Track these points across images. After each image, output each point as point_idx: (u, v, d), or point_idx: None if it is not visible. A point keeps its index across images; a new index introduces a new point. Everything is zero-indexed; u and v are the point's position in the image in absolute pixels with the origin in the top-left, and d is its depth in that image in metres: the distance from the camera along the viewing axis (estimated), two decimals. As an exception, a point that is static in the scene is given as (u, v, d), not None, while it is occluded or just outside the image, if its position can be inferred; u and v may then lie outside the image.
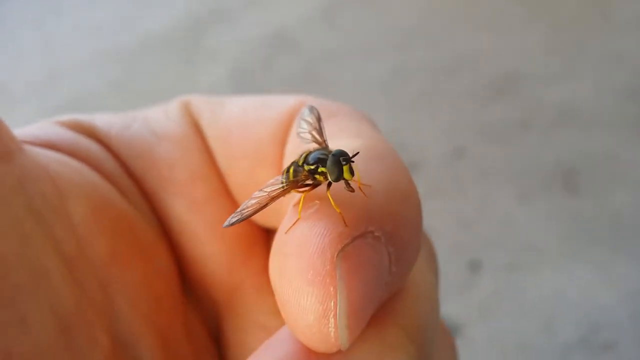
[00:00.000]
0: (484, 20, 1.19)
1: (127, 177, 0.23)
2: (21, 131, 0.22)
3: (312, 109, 0.20)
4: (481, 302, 0.68)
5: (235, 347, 0.23)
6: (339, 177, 0.16)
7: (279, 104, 0.23)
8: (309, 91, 0.24)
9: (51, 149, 0.22)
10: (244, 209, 0.18)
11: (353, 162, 0.17)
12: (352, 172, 0.16)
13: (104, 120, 0.24)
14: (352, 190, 0.16)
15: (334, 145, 0.19)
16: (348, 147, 0.18)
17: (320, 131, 0.19)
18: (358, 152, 0.17)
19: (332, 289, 0.14)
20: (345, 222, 0.15)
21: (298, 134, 0.20)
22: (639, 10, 1.14)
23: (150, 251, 0.22)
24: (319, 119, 0.19)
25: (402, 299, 0.17)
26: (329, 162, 0.17)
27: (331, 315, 0.14)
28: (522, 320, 0.67)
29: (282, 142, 0.22)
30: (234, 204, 0.23)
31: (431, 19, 1.20)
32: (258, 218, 0.24)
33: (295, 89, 0.24)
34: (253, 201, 0.18)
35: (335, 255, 0.14)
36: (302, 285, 0.14)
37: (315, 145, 0.19)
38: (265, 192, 0.18)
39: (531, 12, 1.19)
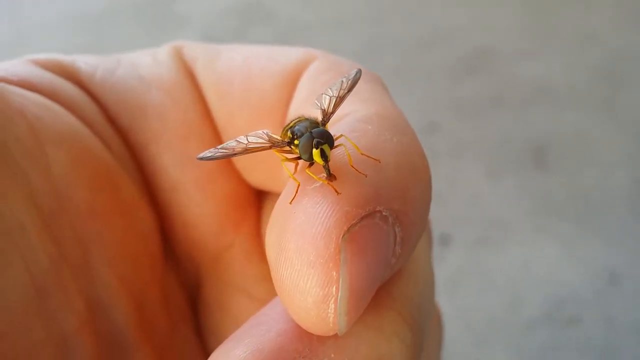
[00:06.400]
0: (460, -5, 1.18)
1: (111, 126, 0.21)
2: None
3: (357, 73, 0.18)
4: (449, 277, 0.69)
5: (214, 311, 0.22)
6: (309, 158, 0.15)
7: (286, 55, 0.21)
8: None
9: (28, 89, 0.19)
10: (221, 149, 0.16)
11: (330, 146, 0.15)
12: (324, 157, 0.15)
13: (86, 62, 0.21)
14: (330, 178, 0.14)
15: (344, 108, 0.17)
16: (360, 112, 0.17)
17: (340, 100, 0.17)
18: (341, 135, 0.15)
19: (334, 273, 0.13)
20: (336, 191, 0.14)
21: (321, 94, 0.18)
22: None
23: (131, 208, 0.20)
24: (350, 88, 0.17)
25: (400, 281, 0.16)
26: (301, 140, 0.15)
27: (331, 301, 0.13)
28: (489, 295, 0.67)
29: (287, 98, 0.20)
30: (228, 160, 0.22)
31: (407, -7, 1.19)
32: (251, 179, 0.22)
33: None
34: (232, 144, 0.16)
35: (341, 237, 0.13)
36: (302, 266, 0.13)
37: (317, 114, 0.17)
38: (246, 141, 0.16)
39: (507, -10, 1.18)
